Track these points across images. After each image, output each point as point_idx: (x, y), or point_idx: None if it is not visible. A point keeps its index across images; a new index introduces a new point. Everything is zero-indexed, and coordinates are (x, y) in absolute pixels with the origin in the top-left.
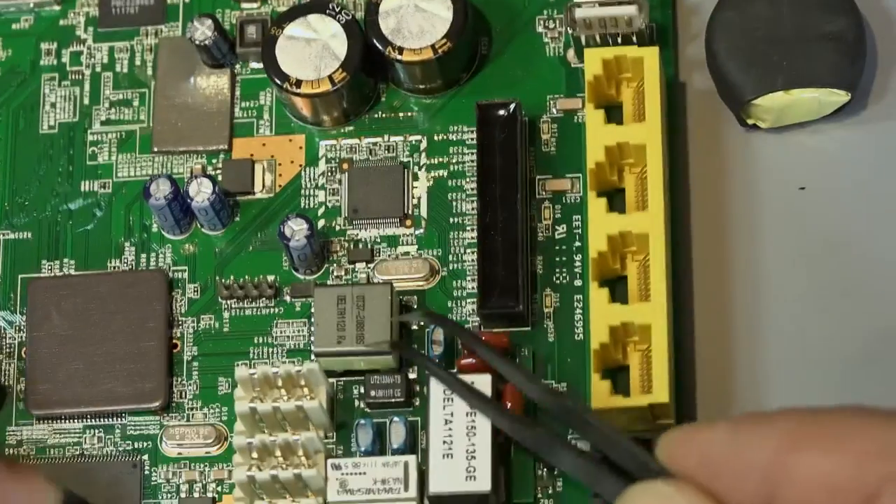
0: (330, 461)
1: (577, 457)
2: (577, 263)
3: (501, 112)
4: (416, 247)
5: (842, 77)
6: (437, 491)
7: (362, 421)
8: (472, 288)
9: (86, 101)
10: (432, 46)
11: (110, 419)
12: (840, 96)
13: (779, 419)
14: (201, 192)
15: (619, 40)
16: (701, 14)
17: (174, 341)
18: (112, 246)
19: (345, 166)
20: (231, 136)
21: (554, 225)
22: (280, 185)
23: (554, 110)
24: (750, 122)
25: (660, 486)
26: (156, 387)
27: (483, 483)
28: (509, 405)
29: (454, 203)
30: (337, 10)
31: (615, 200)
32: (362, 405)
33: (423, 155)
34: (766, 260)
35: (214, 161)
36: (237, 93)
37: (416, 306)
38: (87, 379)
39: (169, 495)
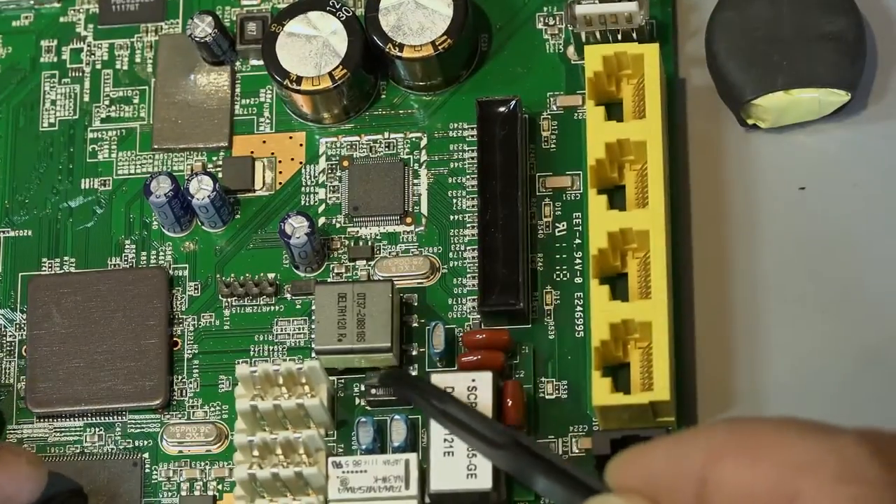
0: (331, 459)
1: (549, 480)
2: (578, 261)
3: (502, 109)
4: (417, 244)
5: (842, 77)
6: (437, 489)
7: (363, 419)
8: (473, 285)
9: (86, 99)
10: (433, 43)
11: (111, 417)
12: (840, 96)
13: (709, 431)
14: (202, 190)
15: (619, 37)
16: (701, 10)
17: (175, 339)
18: (112, 244)
19: (345, 163)
20: (231, 133)
21: (554, 222)
22: (280, 183)
23: (554, 107)
24: (750, 122)
25: (612, 500)
26: (156, 385)
27: (484, 481)
28: (510, 402)
29: (454, 200)
30: (337, 6)
31: (615, 197)
32: (363, 403)
33: (424, 152)
34: (766, 260)
35: (215, 158)
36: (237, 90)
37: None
38: (88, 377)
39: (169, 493)
